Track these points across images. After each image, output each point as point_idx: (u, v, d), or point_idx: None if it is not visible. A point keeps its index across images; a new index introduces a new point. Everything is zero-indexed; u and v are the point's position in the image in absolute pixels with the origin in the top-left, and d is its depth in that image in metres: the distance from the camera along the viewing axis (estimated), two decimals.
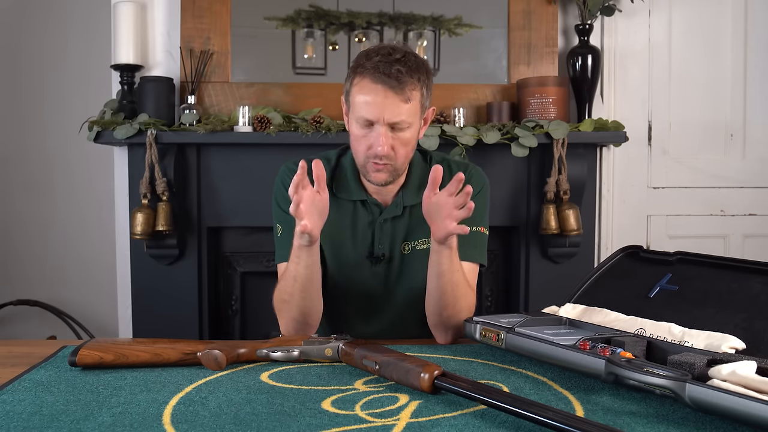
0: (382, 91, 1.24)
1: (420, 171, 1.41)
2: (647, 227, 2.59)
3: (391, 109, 1.24)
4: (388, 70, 1.23)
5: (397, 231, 1.39)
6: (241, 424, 0.81)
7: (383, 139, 1.25)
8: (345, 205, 1.40)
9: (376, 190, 1.39)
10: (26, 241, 3.13)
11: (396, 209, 1.39)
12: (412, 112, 1.27)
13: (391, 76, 1.23)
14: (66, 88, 3.10)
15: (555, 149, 2.23)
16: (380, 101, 1.24)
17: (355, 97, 1.28)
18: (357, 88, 1.27)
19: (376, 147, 1.26)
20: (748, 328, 1.02)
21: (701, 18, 2.59)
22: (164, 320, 2.33)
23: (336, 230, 1.39)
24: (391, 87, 1.23)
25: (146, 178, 2.18)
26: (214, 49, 2.34)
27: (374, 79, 1.24)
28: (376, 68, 1.24)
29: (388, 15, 2.43)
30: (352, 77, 1.29)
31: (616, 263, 1.32)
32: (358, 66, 1.28)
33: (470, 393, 0.85)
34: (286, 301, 1.29)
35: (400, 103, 1.25)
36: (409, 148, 1.32)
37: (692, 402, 0.80)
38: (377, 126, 1.26)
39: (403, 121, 1.26)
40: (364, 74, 1.25)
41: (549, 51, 2.42)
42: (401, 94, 1.24)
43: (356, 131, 1.30)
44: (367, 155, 1.29)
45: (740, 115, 2.62)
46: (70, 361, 1.04)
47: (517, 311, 2.30)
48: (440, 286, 1.24)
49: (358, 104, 1.27)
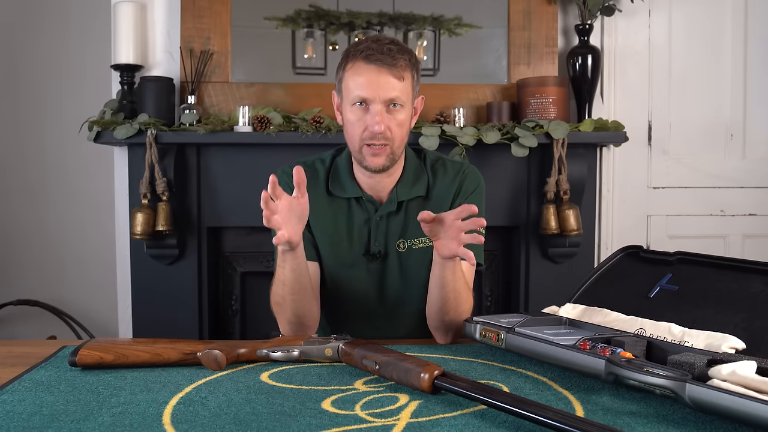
0: (375, 69, 1.27)
1: (414, 167, 1.42)
2: (647, 227, 2.59)
3: (386, 86, 1.27)
4: (380, 49, 1.27)
5: (392, 228, 1.40)
6: (241, 424, 0.81)
7: (379, 117, 1.27)
8: (341, 204, 1.40)
9: (370, 187, 1.39)
10: (26, 241, 3.13)
11: (391, 205, 1.39)
12: (405, 90, 1.29)
13: (384, 53, 1.26)
14: (65, 88, 3.10)
15: (555, 149, 2.23)
16: (374, 79, 1.26)
17: (348, 82, 1.30)
18: (350, 72, 1.29)
19: (373, 126, 1.27)
20: (748, 328, 1.02)
21: (701, 18, 2.59)
22: (164, 320, 2.33)
23: (332, 229, 1.39)
24: (385, 64, 1.26)
25: (146, 178, 2.18)
26: (214, 49, 2.35)
27: (368, 60, 1.27)
28: (369, 49, 1.27)
29: (388, 15, 2.43)
30: (344, 64, 1.31)
31: (616, 263, 1.32)
32: (349, 53, 1.31)
33: (470, 393, 0.85)
34: (279, 304, 1.30)
35: (394, 80, 1.27)
36: (404, 131, 1.32)
37: (692, 402, 0.80)
38: (373, 105, 1.28)
39: (398, 97, 1.28)
40: (357, 57, 1.28)
41: (549, 51, 2.42)
42: (395, 71, 1.27)
43: (351, 116, 1.31)
44: (362, 138, 1.30)
45: (740, 115, 2.62)
46: (70, 361, 1.05)
47: (517, 311, 2.31)
48: (443, 295, 1.25)
49: (352, 87, 1.29)
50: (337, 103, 1.37)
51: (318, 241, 1.39)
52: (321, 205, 1.39)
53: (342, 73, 1.32)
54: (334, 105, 1.39)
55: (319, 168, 1.42)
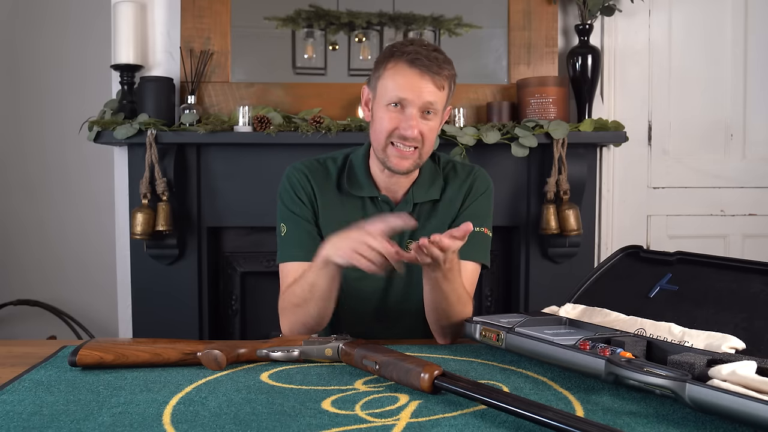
0: (419, 73, 1.26)
1: (429, 168, 1.42)
2: (647, 227, 2.59)
3: (426, 92, 1.26)
4: (427, 55, 1.26)
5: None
6: (241, 424, 0.81)
7: (414, 121, 1.27)
8: (354, 202, 1.39)
9: (387, 187, 1.38)
10: (26, 241, 3.13)
11: (407, 206, 1.38)
12: (442, 99, 1.29)
13: (431, 60, 1.25)
14: (65, 88, 3.10)
15: (555, 149, 2.23)
16: (416, 83, 1.26)
17: (387, 81, 1.28)
18: (392, 71, 1.28)
19: (407, 129, 1.26)
20: (748, 328, 1.02)
21: (701, 18, 2.59)
22: (164, 320, 2.33)
23: (341, 228, 1.39)
24: (430, 70, 1.25)
25: (146, 178, 2.18)
26: (214, 49, 2.34)
27: (412, 63, 1.26)
28: (416, 53, 1.26)
29: (388, 15, 2.43)
30: (386, 62, 1.29)
31: (616, 263, 1.32)
32: (393, 52, 1.29)
33: (470, 393, 0.85)
34: (299, 305, 1.27)
35: (434, 88, 1.27)
36: (433, 138, 1.32)
37: (692, 402, 0.80)
38: (409, 109, 1.27)
39: (435, 103, 1.28)
40: (401, 58, 1.27)
41: (549, 51, 2.42)
42: (437, 80, 1.26)
43: (383, 115, 1.29)
44: (391, 136, 1.29)
45: (740, 115, 2.62)
46: (70, 361, 1.05)
47: (517, 311, 2.31)
48: (434, 300, 1.24)
49: (390, 86, 1.27)
50: (368, 98, 1.35)
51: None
52: (332, 203, 1.39)
53: (382, 70, 1.30)
54: (363, 99, 1.37)
55: (330, 166, 1.42)
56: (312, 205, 1.38)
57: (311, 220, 1.38)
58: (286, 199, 1.39)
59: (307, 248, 1.34)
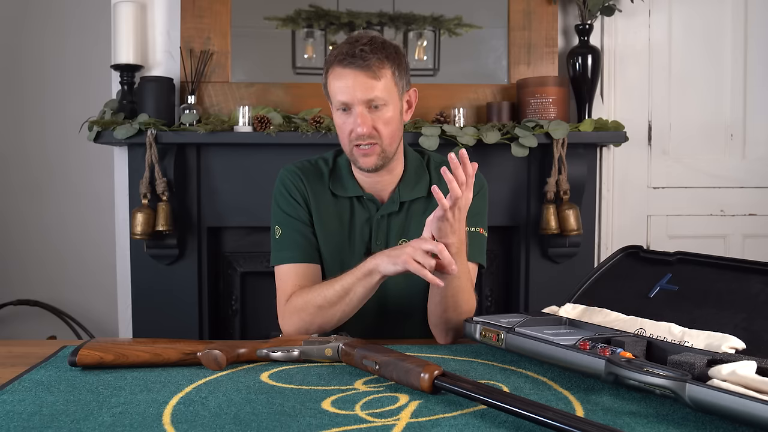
0: (351, 72, 1.28)
1: (417, 166, 1.42)
2: (647, 227, 2.59)
3: (362, 88, 1.27)
4: (352, 52, 1.27)
5: (393, 228, 1.40)
6: (241, 424, 0.81)
7: (360, 119, 1.28)
8: (344, 203, 1.41)
9: (370, 186, 1.39)
10: (26, 241, 3.13)
11: (393, 205, 1.39)
12: (385, 89, 1.29)
13: (356, 56, 1.27)
14: (65, 88, 3.10)
15: (555, 149, 2.23)
16: (351, 83, 1.28)
17: (330, 88, 1.32)
18: (331, 77, 1.31)
19: (356, 128, 1.29)
20: (748, 328, 1.02)
21: (701, 18, 2.59)
22: (164, 320, 2.33)
23: (336, 228, 1.39)
24: (359, 67, 1.27)
25: (146, 178, 2.18)
26: (214, 49, 2.34)
27: (343, 64, 1.28)
28: (342, 53, 1.28)
29: (388, 15, 2.43)
30: (326, 71, 1.33)
31: (616, 263, 1.32)
32: (328, 59, 1.33)
33: (470, 393, 0.85)
34: (323, 308, 1.26)
35: (370, 81, 1.28)
36: (392, 128, 1.32)
37: (692, 402, 0.80)
38: (354, 108, 1.29)
39: (377, 97, 1.28)
40: (334, 63, 1.30)
41: (549, 51, 2.42)
42: (369, 72, 1.27)
43: (338, 120, 1.33)
44: (350, 140, 1.31)
45: (740, 115, 2.62)
46: (70, 361, 1.05)
47: (517, 311, 2.30)
48: (444, 293, 1.24)
49: (333, 92, 1.31)
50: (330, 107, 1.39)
51: (321, 241, 1.39)
52: (326, 205, 1.40)
53: (325, 78, 1.34)
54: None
55: (322, 167, 1.43)
56: (306, 206, 1.39)
57: (306, 221, 1.39)
58: (280, 201, 1.40)
59: (303, 250, 1.36)
